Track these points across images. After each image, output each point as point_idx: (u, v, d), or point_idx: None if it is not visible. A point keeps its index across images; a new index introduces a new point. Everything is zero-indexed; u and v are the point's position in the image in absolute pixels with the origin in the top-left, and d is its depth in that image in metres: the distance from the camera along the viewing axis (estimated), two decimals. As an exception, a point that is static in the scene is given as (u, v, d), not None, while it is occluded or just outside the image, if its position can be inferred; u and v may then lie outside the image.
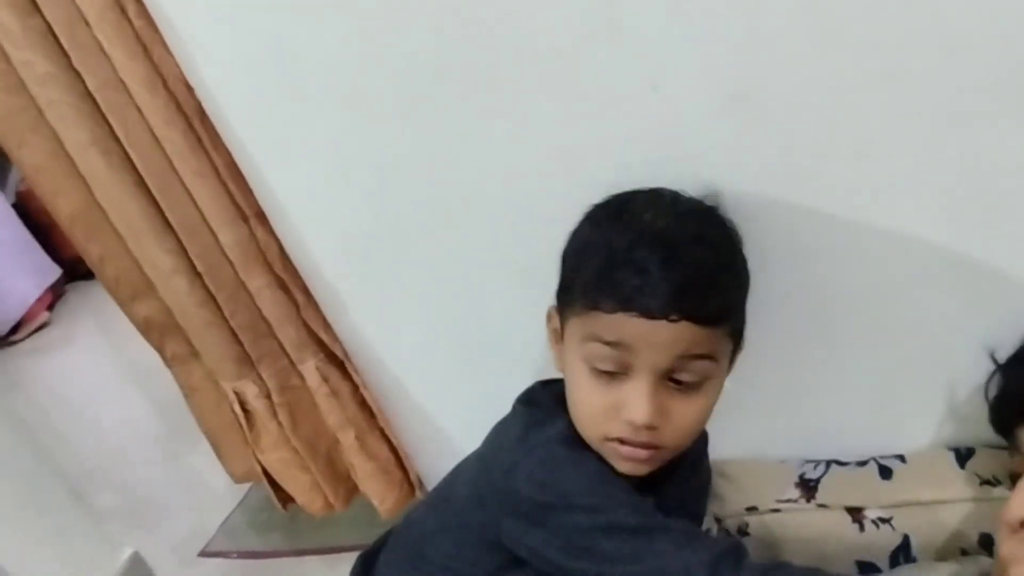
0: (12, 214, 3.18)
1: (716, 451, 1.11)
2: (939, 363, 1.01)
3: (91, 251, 1.24)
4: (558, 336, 0.85)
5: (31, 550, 1.68)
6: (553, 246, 0.87)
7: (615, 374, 0.77)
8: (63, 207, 1.19)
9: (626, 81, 0.93)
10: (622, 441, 0.78)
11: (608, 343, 0.76)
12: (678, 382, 0.77)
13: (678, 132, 0.94)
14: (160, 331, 1.32)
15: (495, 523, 0.81)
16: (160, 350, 1.35)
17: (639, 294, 0.74)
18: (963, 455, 1.00)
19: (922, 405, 1.04)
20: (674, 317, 0.74)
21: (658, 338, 0.74)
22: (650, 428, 0.76)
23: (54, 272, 3.34)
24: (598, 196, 1.01)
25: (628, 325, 0.74)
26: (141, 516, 2.05)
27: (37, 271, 3.24)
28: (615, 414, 0.77)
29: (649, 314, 0.73)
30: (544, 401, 0.87)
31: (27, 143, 1.15)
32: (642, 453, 0.78)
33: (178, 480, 2.21)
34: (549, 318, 0.87)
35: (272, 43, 1.03)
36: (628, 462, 0.80)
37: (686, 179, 0.96)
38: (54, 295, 3.40)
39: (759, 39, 0.86)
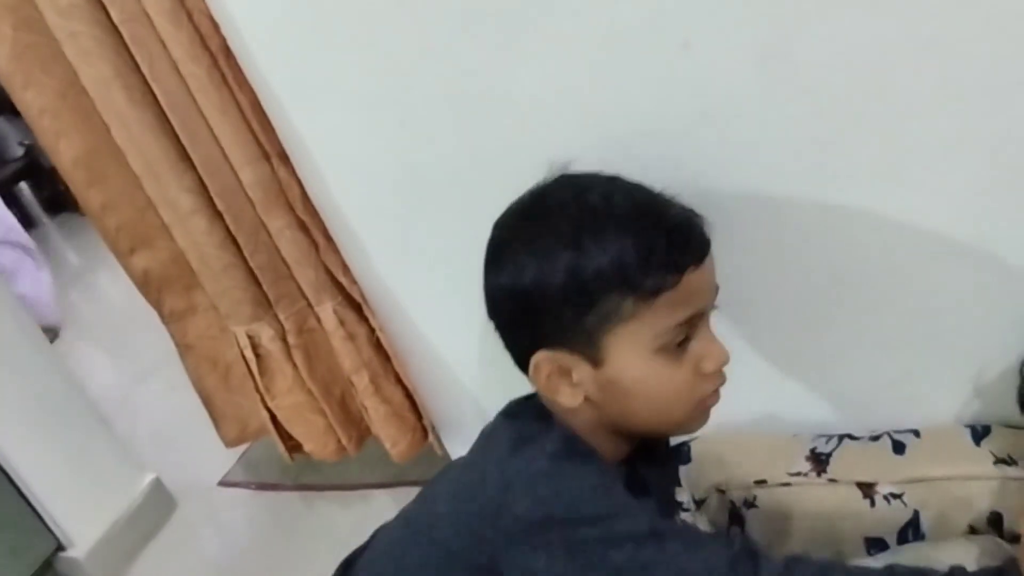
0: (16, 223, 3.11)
1: (727, 423, 1.11)
2: (958, 339, 0.98)
3: (92, 199, 1.23)
4: (566, 371, 0.77)
5: (56, 471, 1.73)
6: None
7: (681, 342, 0.75)
8: (66, 151, 1.19)
9: (657, 37, 0.90)
10: (708, 396, 0.79)
11: (684, 321, 0.74)
12: None
13: (708, 90, 0.92)
14: (158, 285, 1.32)
15: (487, 549, 0.74)
16: (157, 306, 1.35)
17: (690, 244, 0.74)
18: (979, 433, 0.99)
19: (939, 381, 1.02)
20: (708, 248, 0.76)
21: (708, 277, 0.77)
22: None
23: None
24: (624, 152, 1.00)
25: (692, 283, 0.73)
26: (163, 444, 2.10)
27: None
28: (698, 375, 0.76)
29: (700, 259, 0.75)
30: (530, 414, 0.82)
31: (35, 83, 1.15)
32: (718, 395, 0.80)
33: (200, 411, 2.26)
34: (538, 367, 0.77)
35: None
36: (707, 413, 0.80)
37: (714, 137, 0.95)
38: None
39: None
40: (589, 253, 0.72)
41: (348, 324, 1.28)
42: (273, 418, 1.37)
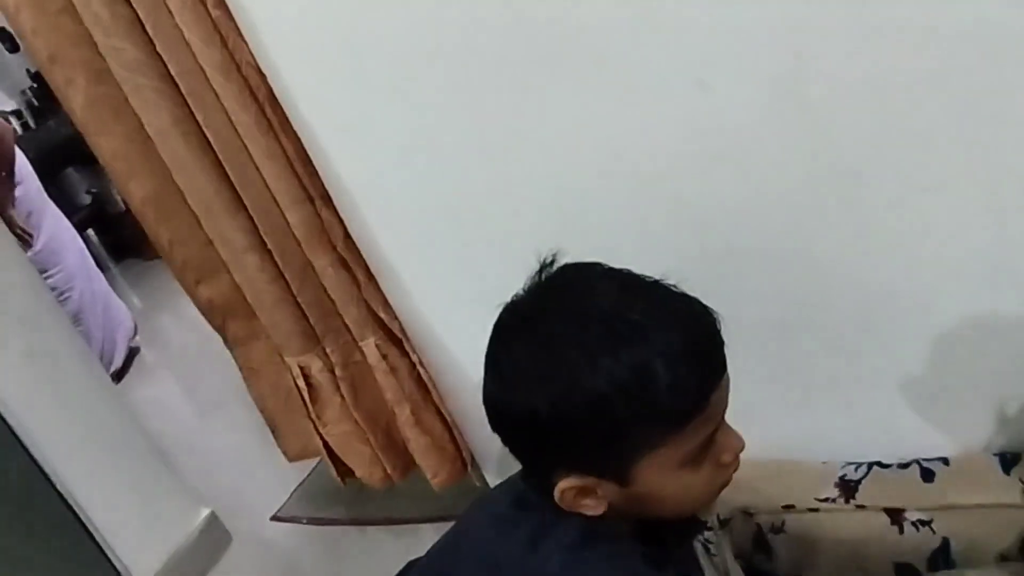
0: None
1: (756, 449, 1.11)
2: (986, 367, 0.99)
3: (161, 235, 1.32)
4: (590, 490, 0.72)
5: (117, 505, 1.79)
6: (601, 234, 0.89)
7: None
8: (136, 191, 1.28)
9: (673, 77, 0.94)
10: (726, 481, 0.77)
11: (710, 435, 0.71)
12: None
13: (723, 127, 0.95)
14: (223, 312, 1.39)
15: None
16: (222, 331, 1.42)
17: (717, 365, 0.71)
18: (1008, 461, 0.98)
19: (968, 409, 1.02)
20: (725, 356, 0.72)
21: (727, 384, 0.73)
22: None
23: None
24: (644, 188, 1.03)
25: (717, 399, 0.71)
26: (219, 479, 2.16)
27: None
28: (718, 468, 0.74)
29: (722, 372, 0.72)
30: (541, 503, 0.75)
31: (107, 131, 1.24)
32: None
33: (255, 447, 2.32)
34: (562, 493, 0.72)
35: (339, 32, 1.09)
36: (719, 491, 0.78)
37: (730, 173, 0.97)
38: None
39: (805, 36, 0.86)
40: (616, 383, 0.66)
41: (390, 358, 1.33)
42: (326, 444, 1.43)
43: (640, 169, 1.03)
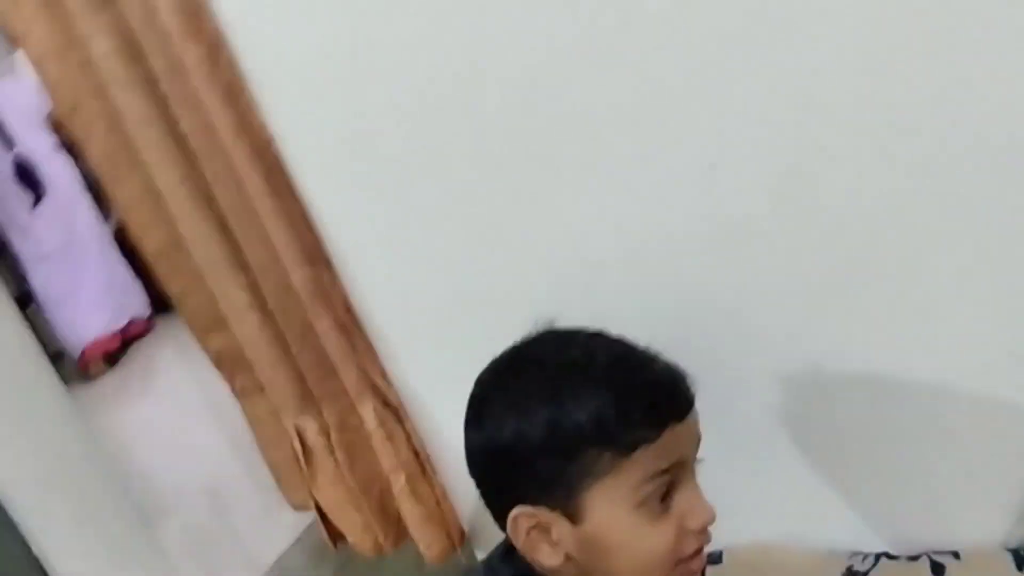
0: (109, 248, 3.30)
1: (763, 536, 1.08)
2: (1000, 461, 0.96)
3: (172, 285, 1.32)
4: (545, 528, 0.74)
5: (93, 573, 1.74)
6: (603, 312, 0.87)
7: (664, 496, 0.73)
8: (149, 243, 1.28)
9: (685, 158, 0.94)
10: (691, 555, 0.75)
11: (664, 470, 0.72)
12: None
13: (732, 210, 0.95)
14: (231, 364, 1.37)
15: None
16: (230, 382, 1.41)
17: (671, 401, 0.73)
18: (1022, 557, 0.95)
19: (980, 502, 0.99)
20: (692, 405, 0.75)
21: (692, 432, 0.75)
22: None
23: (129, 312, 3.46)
24: (651, 265, 1.03)
25: (673, 437, 0.72)
26: (201, 548, 2.10)
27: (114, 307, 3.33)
28: (682, 533, 0.73)
29: (681, 415, 0.73)
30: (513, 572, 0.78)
31: (123, 181, 1.24)
32: (702, 558, 0.76)
33: (240, 515, 2.26)
34: (516, 523, 0.75)
35: (349, 100, 1.10)
36: None
37: (736, 256, 0.97)
38: (137, 331, 3.53)
39: (818, 123, 0.87)
40: (567, 407, 0.71)
41: (387, 424, 1.31)
42: (318, 507, 1.39)
43: (646, 247, 1.02)
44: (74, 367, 2.23)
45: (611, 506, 0.72)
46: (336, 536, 1.43)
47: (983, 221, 0.85)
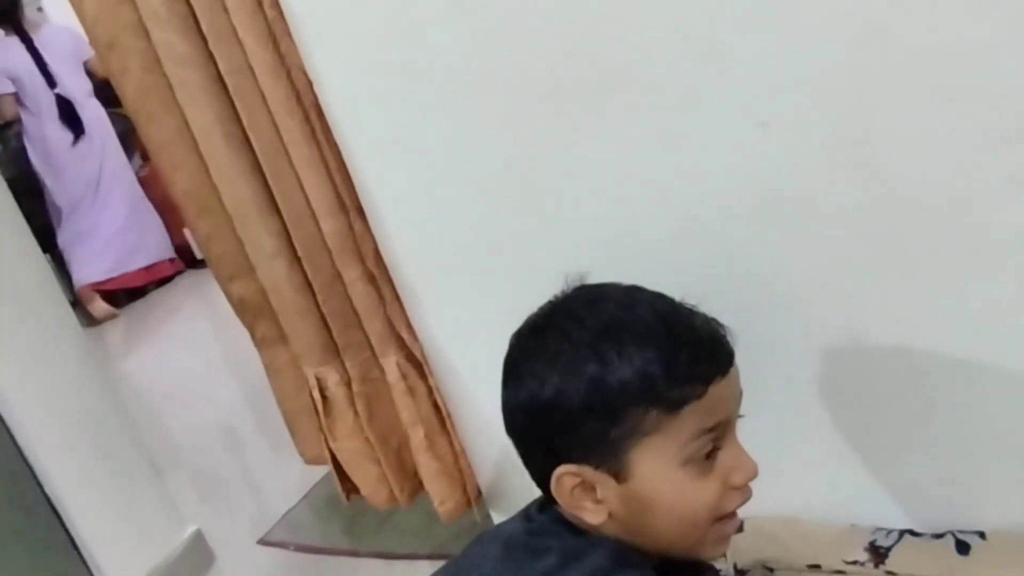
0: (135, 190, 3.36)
1: (783, 507, 1.07)
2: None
3: (200, 228, 1.32)
4: (590, 487, 0.73)
5: (103, 518, 1.75)
6: (637, 271, 0.86)
7: (708, 454, 0.73)
8: (180, 183, 1.28)
9: (734, 116, 0.92)
10: (730, 514, 0.75)
11: (710, 428, 0.71)
12: None
13: (782, 170, 0.93)
14: (253, 312, 1.37)
15: None
16: (251, 330, 1.41)
17: (715, 357, 0.72)
18: (1049, 540, 0.95)
19: (1008, 482, 0.98)
20: (733, 359, 0.74)
21: (734, 386, 0.74)
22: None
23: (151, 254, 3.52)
24: (694, 228, 1.01)
25: (718, 394, 0.71)
26: (210, 497, 2.12)
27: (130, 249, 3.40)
28: (725, 489, 0.73)
29: (725, 370, 0.73)
30: (560, 529, 0.77)
31: (156, 119, 1.23)
32: (736, 522, 0.77)
33: (251, 467, 2.28)
34: (560, 482, 0.73)
35: (391, 47, 1.08)
36: (727, 539, 0.77)
37: (785, 217, 0.95)
38: (161, 274, 3.58)
39: (873, 82, 0.85)
40: (612, 365, 0.70)
41: (409, 378, 1.30)
42: (334, 458, 1.39)
43: (687, 208, 1.01)
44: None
45: (657, 464, 0.71)
46: (349, 488, 1.44)
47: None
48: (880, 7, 0.81)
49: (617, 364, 0.70)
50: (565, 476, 0.73)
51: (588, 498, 0.74)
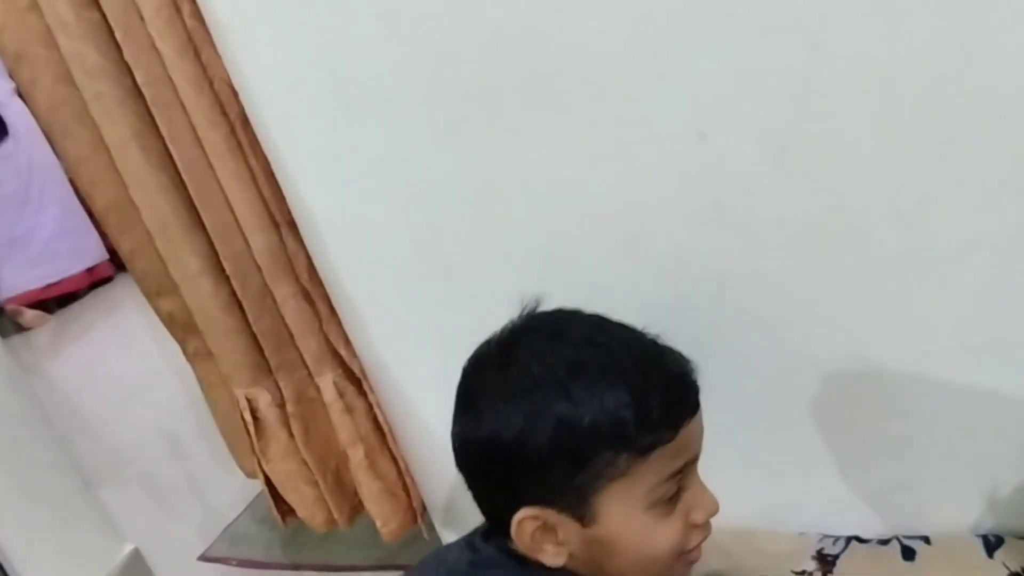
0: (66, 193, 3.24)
1: (732, 518, 1.07)
2: (972, 446, 0.96)
3: (122, 244, 1.25)
4: (551, 529, 0.71)
5: (34, 537, 1.69)
6: (583, 285, 0.84)
7: (674, 495, 0.71)
8: (99, 199, 1.21)
9: (673, 127, 0.90)
10: (694, 547, 0.74)
11: (678, 470, 0.70)
12: None
13: (723, 182, 0.92)
14: (183, 328, 1.32)
15: None
16: (182, 345, 1.36)
17: (686, 399, 0.71)
18: (991, 543, 0.96)
19: (951, 488, 1.00)
20: (699, 399, 0.72)
21: (700, 426, 0.73)
22: None
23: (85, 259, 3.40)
24: (634, 241, 0.99)
25: (687, 435, 0.70)
26: (147, 513, 2.05)
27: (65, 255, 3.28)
28: (688, 528, 0.72)
29: (694, 411, 0.71)
30: (506, 560, 0.74)
31: (70, 134, 1.16)
32: (701, 548, 0.76)
33: (193, 477, 2.21)
34: (521, 526, 0.70)
35: (320, 55, 1.03)
36: (688, 570, 0.76)
37: (729, 227, 0.94)
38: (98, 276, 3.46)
39: (811, 93, 0.84)
40: (582, 406, 0.66)
41: (347, 397, 1.26)
42: (268, 481, 1.34)
43: (631, 219, 0.99)
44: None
45: (623, 508, 0.69)
46: (285, 511, 1.39)
47: (990, 199, 0.84)
48: (819, 18, 0.80)
49: (587, 405, 0.66)
50: (527, 520, 0.70)
51: (549, 540, 0.71)
